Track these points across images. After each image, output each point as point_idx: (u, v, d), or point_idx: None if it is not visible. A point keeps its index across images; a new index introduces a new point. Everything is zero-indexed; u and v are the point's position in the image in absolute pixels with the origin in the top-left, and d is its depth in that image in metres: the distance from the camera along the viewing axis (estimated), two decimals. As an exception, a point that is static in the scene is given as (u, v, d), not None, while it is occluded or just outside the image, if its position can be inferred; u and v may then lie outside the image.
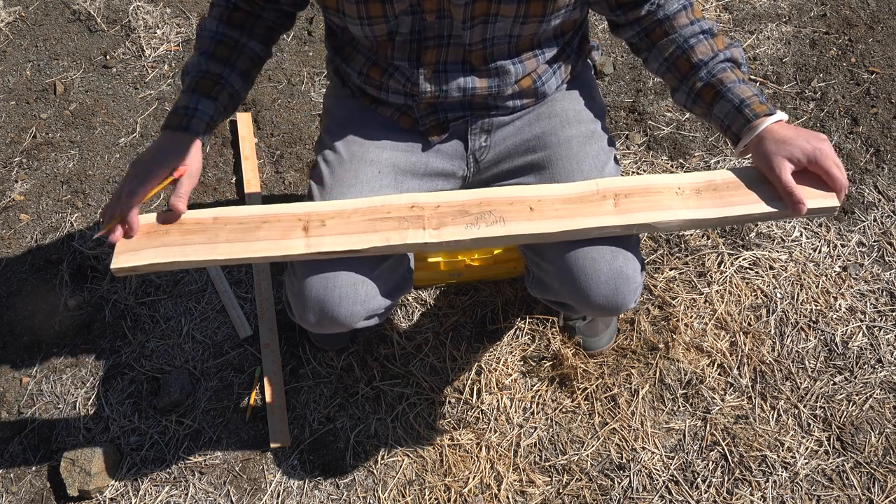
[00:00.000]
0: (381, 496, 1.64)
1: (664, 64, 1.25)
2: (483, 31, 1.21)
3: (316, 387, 1.77)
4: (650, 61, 1.28)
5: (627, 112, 2.20)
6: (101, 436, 1.73)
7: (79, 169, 2.13)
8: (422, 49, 1.24)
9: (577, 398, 1.74)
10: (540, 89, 1.35)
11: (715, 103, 1.20)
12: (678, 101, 1.28)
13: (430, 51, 1.24)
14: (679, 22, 1.22)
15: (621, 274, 1.24)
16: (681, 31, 1.22)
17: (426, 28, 1.21)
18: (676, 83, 1.25)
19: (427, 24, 1.20)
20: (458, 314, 1.86)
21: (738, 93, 1.18)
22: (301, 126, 2.20)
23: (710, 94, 1.20)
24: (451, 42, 1.23)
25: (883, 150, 2.10)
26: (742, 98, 1.18)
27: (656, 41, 1.25)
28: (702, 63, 1.21)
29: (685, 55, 1.22)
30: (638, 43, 1.29)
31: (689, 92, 1.24)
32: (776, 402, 1.73)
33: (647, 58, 1.29)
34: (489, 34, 1.22)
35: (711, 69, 1.20)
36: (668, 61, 1.24)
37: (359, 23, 1.21)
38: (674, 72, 1.25)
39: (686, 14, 1.23)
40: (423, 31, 1.22)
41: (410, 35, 1.22)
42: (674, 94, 1.28)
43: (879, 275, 1.90)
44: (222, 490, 1.66)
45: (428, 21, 1.19)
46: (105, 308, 1.88)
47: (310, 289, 1.25)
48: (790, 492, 1.62)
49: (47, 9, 2.48)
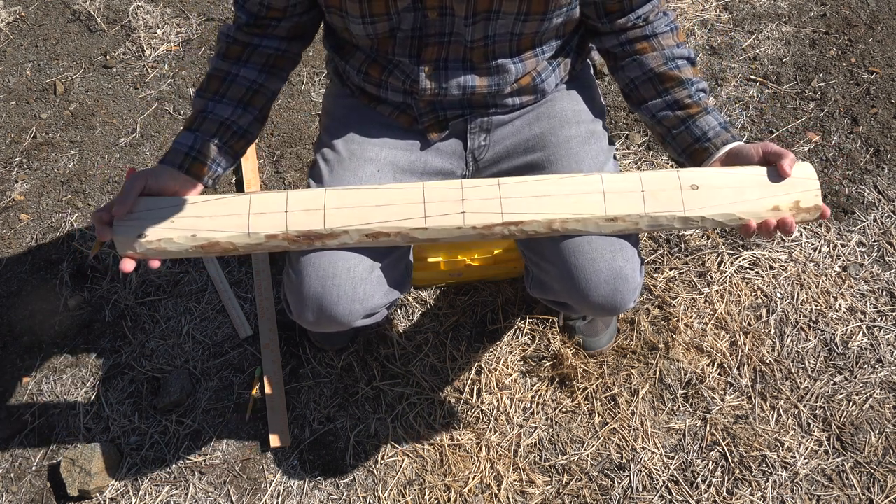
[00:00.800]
0: (381, 496, 1.64)
1: (645, 75, 1.28)
2: (485, 27, 1.21)
3: (316, 387, 1.77)
4: (627, 69, 1.30)
5: (627, 112, 2.20)
6: (101, 436, 1.73)
7: (79, 169, 2.13)
8: (423, 46, 1.24)
9: (577, 398, 1.74)
10: (539, 86, 1.35)
11: (699, 117, 1.24)
12: (649, 109, 1.29)
13: (431, 48, 1.24)
14: (666, 41, 1.27)
15: (620, 274, 1.24)
16: (669, 49, 1.27)
17: (427, 25, 1.21)
18: (654, 94, 1.28)
19: (429, 21, 1.20)
20: (458, 314, 1.86)
21: (720, 115, 1.26)
22: (301, 126, 2.20)
23: (696, 108, 1.25)
24: (452, 39, 1.24)
25: (883, 150, 2.10)
26: (724, 120, 1.26)
27: (641, 53, 1.28)
28: (689, 82, 1.26)
29: (673, 71, 1.26)
30: (618, 52, 1.31)
31: (671, 103, 1.26)
32: (776, 402, 1.73)
33: (623, 66, 1.30)
34: (491, 31, 1.22)
35: (697, 91, 1.26)
36: (651, 73, 1.27)
37: (361, 21, 1.21)
38: (654, 83, 1.27)
39: (673, 36, 1.28)
40: (425, 28, 1.22)
41: (412, 32, 1.22)
42: (642, 103, 1.30)
43: (879, 275, 1.90)
44: (222, 490, 1.66)
45: (430, 18, 1.19)
46: (105, 308, 1.88)
47: (308, 287, 1.25)
48: (790, 492, 1.62)
49: (47, 9, 2.48)
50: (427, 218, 1.18)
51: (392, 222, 1.18)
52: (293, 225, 1.18)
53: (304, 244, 1.21)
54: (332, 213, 1.19)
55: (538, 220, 1.19)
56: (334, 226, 1.18)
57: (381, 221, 1.18)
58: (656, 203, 1.18)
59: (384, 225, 1.18)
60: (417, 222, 1.18)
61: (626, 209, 1.18)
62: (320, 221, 1.18)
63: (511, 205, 1.18)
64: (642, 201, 1.18)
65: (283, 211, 1.19)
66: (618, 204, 1.18)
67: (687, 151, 1.26)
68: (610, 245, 1.24)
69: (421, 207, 1.18)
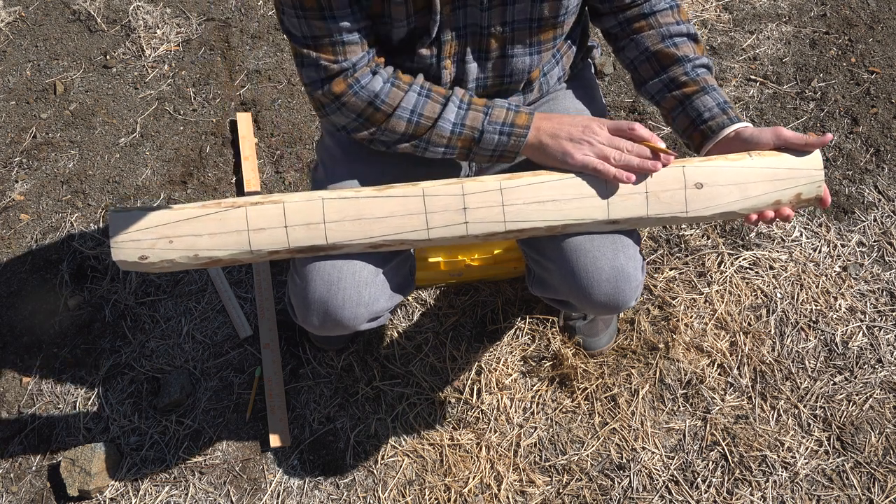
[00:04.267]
0: (381, 496, 1.64)
1: (643, 54, 1.26)
2: (502, 13, 1.18)
3: (316, 387, 1.77)
4: (626, 50, 1.29)
5: (627, 112, 2.20)
6: (101, 436, 1.73)
7: (79, 169, 2.13)
8: (442, 42, 1.21)
9: (577, 398, 1.74)
10: (543, 81, 1.34)
11: (696, 97, 1.22)
12: (648, 91, 1.28)
13: (450, 42, 1.21)
14: (665, 19, 1.25)
15: (622, 272, 1.24)
16: (667, 27, 1.25)
17: (443, 23, 1.17)
18: (652, 74, 1.26)
19: (444, 19, 1.17)
20: (458, 314, 1.86)
21: (721, 94, 1.23)
22: (301, 126, 2.20)
23: (693, 87, 1.22)
24: (468, 31, 1.20)
25: (883, 150, 2.10)
26: (725, 99, 1.22)
27: (638, 32, 1.26)
28: (686, 59, 1.23)
29: (669, 49, 1.24)
30: (618, 32, 1.29)
31: (668, 83, 1.24)
32: (776, 402, 1.73)
33: (623, 46, 1.29)
34: (509, 17, 1.19)
35: (696, 67, 1.23)
36: (647, 52, 1.26)
37: (405, 24, 1.16)
38: (652, 62, 1.26)
39: (672, 14, 1.26)
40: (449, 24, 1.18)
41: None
42: (643, 84, 1.29)
43: (879, 275, 1.90)
44: (222, 490, 1.66)
45: (445, 14, 1.16)
46: (105, 308, 1.88)
47: (313, 292, 1.24)
48: (790, 492, 1.62)
49: (47, 9, 2.48)
50: (430, 230, 1.18)
51: (394, 235, 1.18)
52: (295, 241, 1.18)
53: (309, 254, 1.21)
54: (333, 228, 1.18)
55: (540, 227, 1.19)
56: (336, 240, 1.19)
57: (384, 235, 1.18)
58: (659, 205, 1.18)
59: (387, 238, 1.18)
60: (420, 234, 1.18)
61: (629, 212, 1.18)
62: (322, 236, 1.18)
63: (513, 212, 1.18)
64: (645, 203, 1.17)
65: (282, 226, 1.18)
66: (620, 207, 1.18)
67: (686, 133, 1.24)
68: (612, 243, 1.24)
69: (423, 219, 1.18)
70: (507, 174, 1.21)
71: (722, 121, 1.20)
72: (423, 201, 1.18)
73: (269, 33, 2.39)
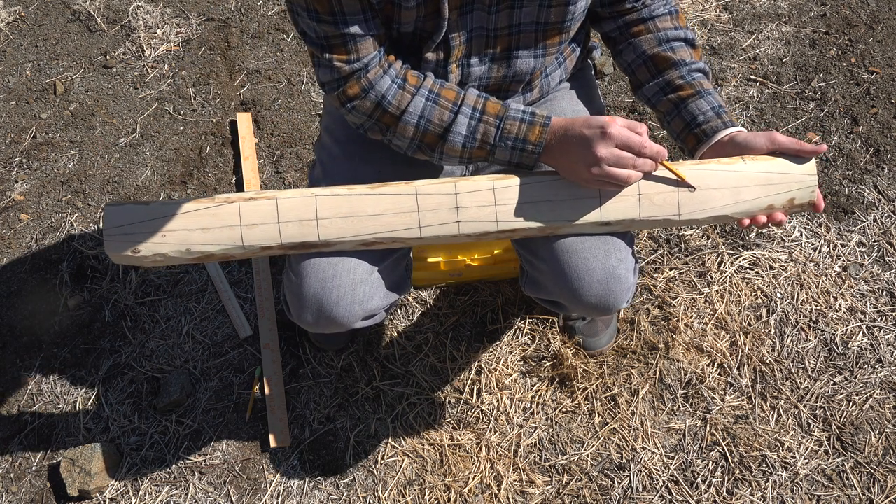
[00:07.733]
0: (381, 496, 1.64)
1: (640, 58, 1.27)
2: (509, 16, 1.18)
3: (316, 387, 1.77)
4: (624, 53, 1.29)
5: (627, 112, 2.20)
6: (101, 436, 1.73)
7: (79, 169, 2.13)
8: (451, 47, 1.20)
9: (577, 398, 1.74)
10: (544, 82, 1.35)
11: (691, 101, 1.22)
12: (645, 94, 1.29)
13: (458, 48, 1.21)
14: (663, 24, 1.26)
15: (613, 274, 1.24)
16: (665, 31, 1.26)
17: (450, 27, 1.17)
18: (648, 77, 1.27)
19: (452, 23, 1.17)
20: (458, 314, 1.86)
21: (717, 98, 1.23)
22: (301, 126, 2.20)
23: (688, 91, 1.23)
24: (474, 34, 1.20)
25: (883, 150, 2.10)
26: (720, 103, 1.23)
27: (636, 36, 1.27)
28: (682, 63, 1.24)
29: (666, 53, 1.24)
30: (617, 36, 1.30)
31: (664, 86, 1.25)
32: (776, 402, 1.73)
33: (621, 50, 1.30)
34: (516, 20, 1.19)
35: (692, 71, 1.24)
36: (644, 55, 1.26)
37: (413, 26, 1.16)
38: (649, 66, 1.26)
39: (671, 19, 1.27)
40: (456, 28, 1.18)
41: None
42: (640, 87, 1.29)
43: (879, 275, 1.90)
44: (222, 490, 1.66)
45: (452, 19, 1.16)
46: (105, 308, 1.88)
47: (308, 289, 1.25)
48: (790, 492, 1.62)
49: (47, 9, 2.48)
50: (422, 228, 1.18)
51: (387, 233, 1.18)
52: (287, 237, 1.18)
53: (302, 251, 1.21)
54: (326, 224, 1.18)
55: (533, 228, 1.19)
56: (329, 237, 1.19)
57: (376, 233, 1.19)
58: (652, 207, 1.18)
59: (379, 236, 1.19)
60: (412, 232, 1.18)
61: (621, 214, 1.18)
62: (314, 233, 1.18)
63: (505, 212, 1.18)
64: (638, 206, 1.18)
65: (275, 222, 1.18)
66: (613, 209, 1.18)
67: (681, 136, 1.25)
68: (604, 245, 1.24)
69: (415, 217, 1.18)
70: (501, 174, 1.21)
71: (716, 124, 1.21)
72: (415, 199, 1.18)
73: (269, 33, 2.39)
